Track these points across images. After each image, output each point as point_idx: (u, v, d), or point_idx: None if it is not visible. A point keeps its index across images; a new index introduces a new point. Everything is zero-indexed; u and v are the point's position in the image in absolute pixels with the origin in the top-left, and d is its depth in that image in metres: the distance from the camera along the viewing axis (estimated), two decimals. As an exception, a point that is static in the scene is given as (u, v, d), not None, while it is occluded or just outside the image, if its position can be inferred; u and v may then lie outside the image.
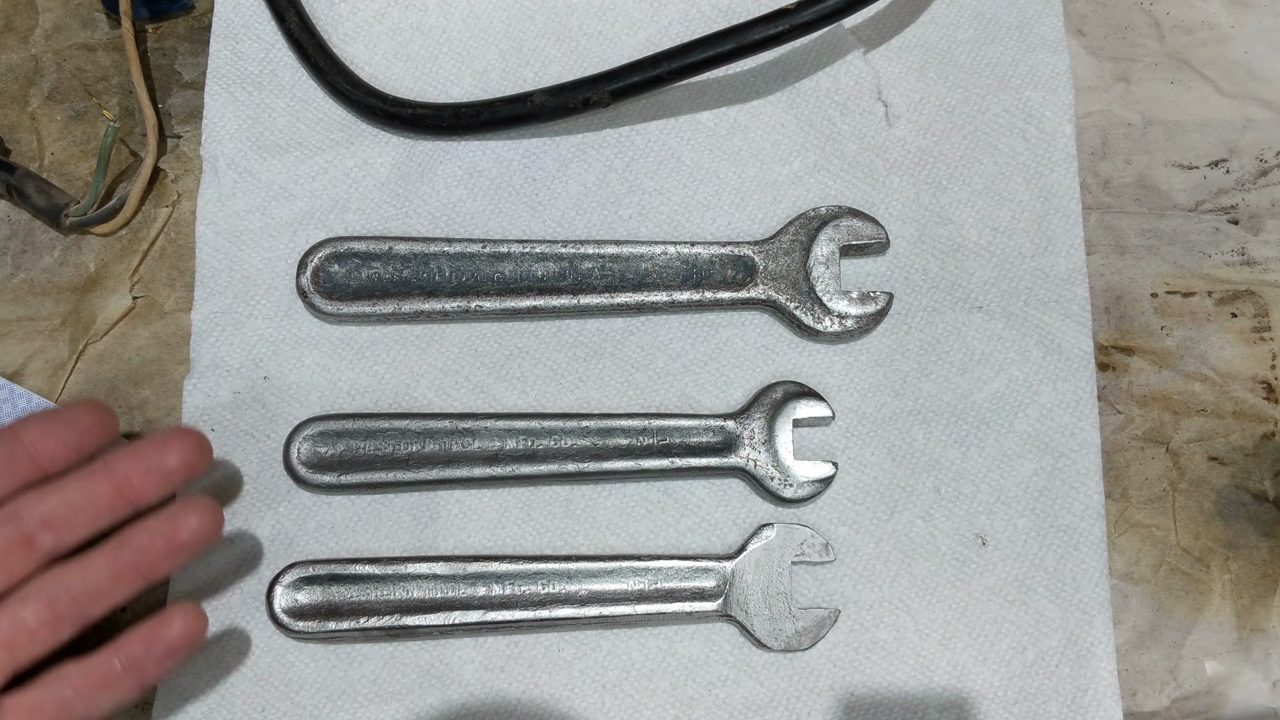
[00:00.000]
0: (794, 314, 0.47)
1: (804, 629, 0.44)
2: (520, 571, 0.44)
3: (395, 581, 0.43)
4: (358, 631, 0.43)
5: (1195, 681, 0.45)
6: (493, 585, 0.44)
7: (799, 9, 0.45)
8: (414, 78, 0.50)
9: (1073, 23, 0.51)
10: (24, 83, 0.51)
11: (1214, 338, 0.49)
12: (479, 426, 0.45)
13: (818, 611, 0.45)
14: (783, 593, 0.44)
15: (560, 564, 0.44)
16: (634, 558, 0.45)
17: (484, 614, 0.43)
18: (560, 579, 0.44)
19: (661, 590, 0.44)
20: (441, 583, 0.43)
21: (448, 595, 0.43)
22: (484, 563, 0.44)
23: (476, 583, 0.44)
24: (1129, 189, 0.50)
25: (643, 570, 0.44)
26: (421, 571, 0.44)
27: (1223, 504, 0.47)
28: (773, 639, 0.44)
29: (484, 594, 0.44)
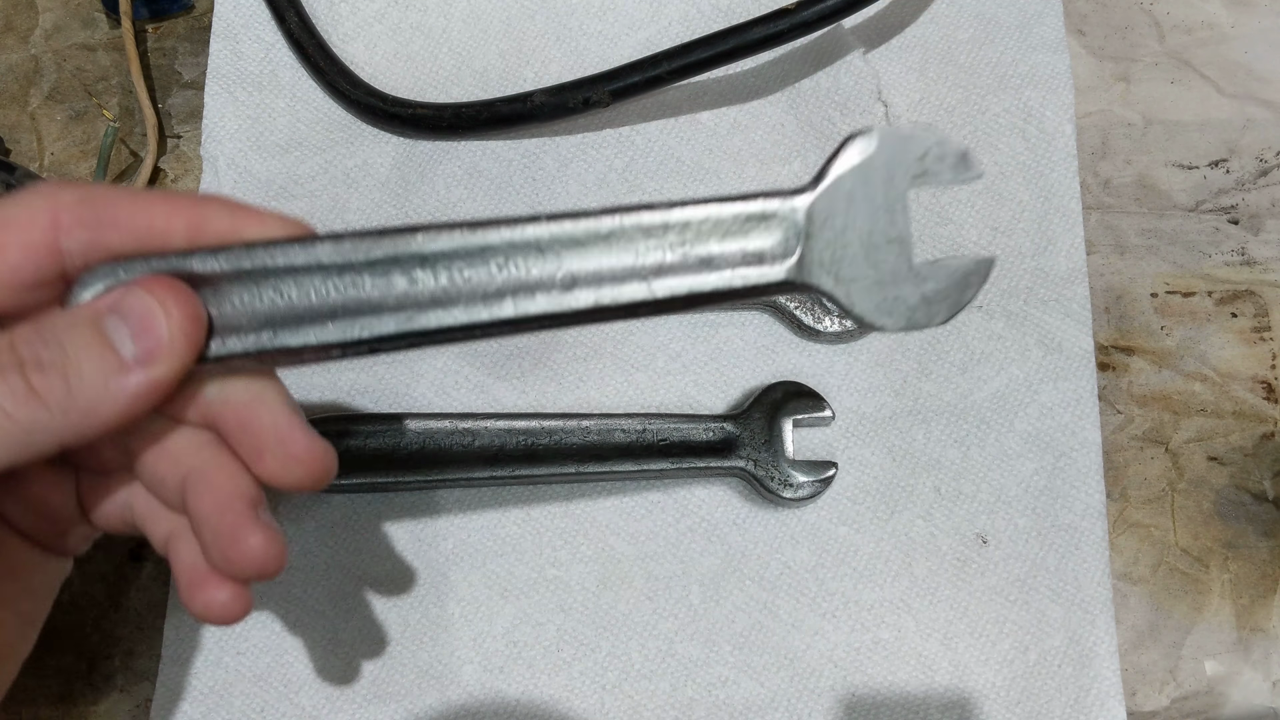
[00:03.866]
0: (794, 314, 0.47)
1: (937, 291, 0.29)
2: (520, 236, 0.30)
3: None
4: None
5: (1195, 681, 0.45)
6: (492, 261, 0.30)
7: (799, 9, 0.45)
8: (414, 78, 0.50)
9: (1073, 23, 0.52)
10: (24, 83, 0.51)
11: (1214, 338, 0.49)
12: (479, 426, 0.45)
13: (956, 262, 0.29)
14: (895, 239, 0.29)
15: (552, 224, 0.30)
16: (643, 206, 0.30)
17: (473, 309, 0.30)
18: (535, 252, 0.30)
19: (692, 258, 0.29)
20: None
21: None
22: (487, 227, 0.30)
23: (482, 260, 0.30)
24: (1129, 189, 0.50)
25: (660, 229, 0.29)
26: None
27: (1222, 504, 0.47)
28: (883, 312, 0.29)
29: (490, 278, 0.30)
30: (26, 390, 0.26)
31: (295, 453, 0.30)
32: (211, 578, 0.30)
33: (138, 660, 0.44)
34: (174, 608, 0.44)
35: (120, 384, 0.27)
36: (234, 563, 0.29)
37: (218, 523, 0.29)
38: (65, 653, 0.44)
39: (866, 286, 0.29)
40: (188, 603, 0.31)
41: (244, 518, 0.29)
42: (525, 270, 0.29)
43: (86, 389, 0.27)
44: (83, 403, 0.27)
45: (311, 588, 0.45)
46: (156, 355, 0.27)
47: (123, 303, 0.28)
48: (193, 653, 0.44)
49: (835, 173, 0.29)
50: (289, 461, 0.30)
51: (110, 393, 0.27)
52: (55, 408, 0.26)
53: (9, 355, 0.26)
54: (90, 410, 0.27)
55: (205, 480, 0.30)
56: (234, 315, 0.29)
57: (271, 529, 0.30)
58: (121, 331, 0.27)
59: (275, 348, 0.29)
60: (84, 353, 0.27)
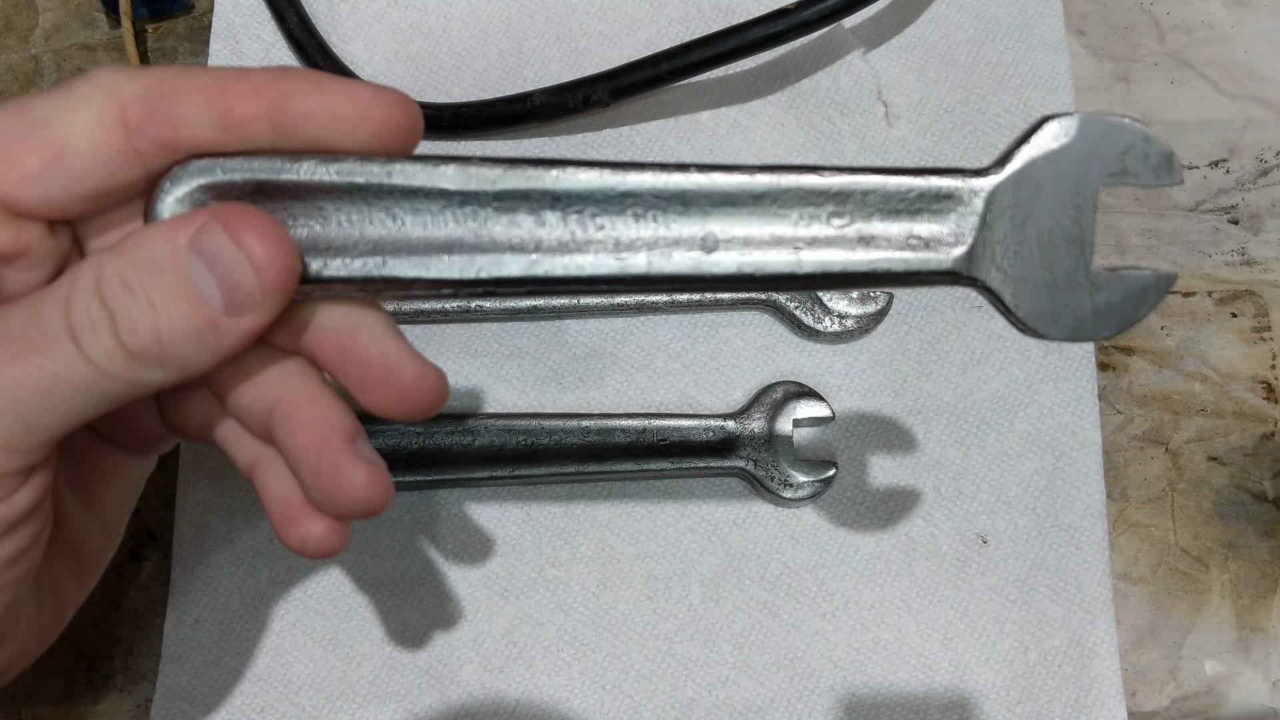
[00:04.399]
0: (794, 314, 0.47)
1: (1110, 304, 0.27)
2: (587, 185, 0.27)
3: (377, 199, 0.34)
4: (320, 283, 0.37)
5: (1195, 681, 0.45)
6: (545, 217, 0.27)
7: (799, 9, 0.45)
8: (414, 78, 0.50)
9: (1073, 23, 0.52)
10: (24, 83, 0.51)
11: (1214, 338, 0.49)
12: (479, 426, 0.45)
13: (1136, 275, 0.27)
14: (1077, 240, 0.26)
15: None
16: (807, 167, 0.27)
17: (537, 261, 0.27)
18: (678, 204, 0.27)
19: (852, 233, 0.27)
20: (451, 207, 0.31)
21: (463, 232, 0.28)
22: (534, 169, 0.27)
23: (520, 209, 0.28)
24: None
25: (829, 196, 0.27)
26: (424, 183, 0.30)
27: (1222, 504, 0.47)
28: (1051, 320, 0.27)
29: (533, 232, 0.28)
30: (123, 352, 0.25)
31: (407, 381, 0.27)
32: (306, 511, 0.29)
33: (138, 660, 0.44)
34: (174, 607, 0.44)
35: (214, 337, 0.25)
36: (338, 502, 0.28)
37: (316, 461, 0.28)
38: (65, 653, 0.44)
39: (1036, 289, 0.26)
40: (283, 537, 0.29)
41: (344, 455, 0.28)
42: (666, 224, 0.26)
43: (179, 344, 0.25)
44: (176, 357, 0.25)
45: (311, 588, 0.45)
46: (246, 307, 0.25)
47: (204, 244, 0.25)
48: (193, 653, 0.44)
49: (1026, 156, 0.27)
50: (401, 391, 0.27)
51: (204, 346, 0.25)
52: (150, 363, 0.25)
53: (99, 309, 0.25)
54: (184, 363, 0.26)
55: (297, 414, 0.28)
56: (340, 236, 0.26)
57: (375, 464, 0.28)
58: (207, 279, 0.25)
59: (382, 276, 0.27)
60: (173, 307, 0.25)
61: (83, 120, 0.25)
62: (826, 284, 0.29)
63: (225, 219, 0.25)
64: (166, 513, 0.46)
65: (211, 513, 0.45)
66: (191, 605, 0.44)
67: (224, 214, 0.25)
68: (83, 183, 0.26)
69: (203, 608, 0.44)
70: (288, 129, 0.26)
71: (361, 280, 0.27)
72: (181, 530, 0.45)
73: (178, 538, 0.45)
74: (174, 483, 0.46)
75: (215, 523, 0.45)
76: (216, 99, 0.26)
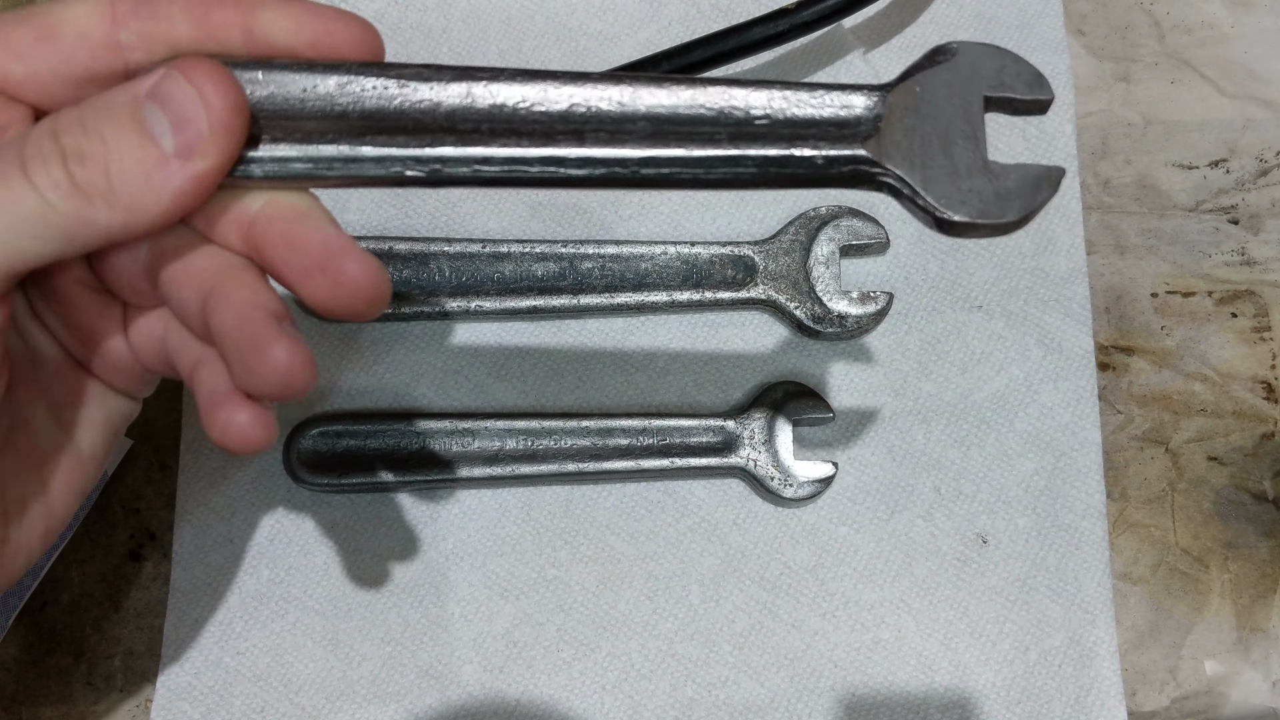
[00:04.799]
0: (794, 314, 0.47)
1: (1010, 190, 0.29)
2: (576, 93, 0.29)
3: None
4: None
5: (1195, 681, 0.45)
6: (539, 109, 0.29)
7: (799, 9, 0.45)
8: (414, 77, 0.50)
9: (1073, 23, 0.52)
10: (23, 82, 0.51)
11: (1214, 338, 0.49)
12: (479, 426, 0.45)
13: (1029, 168, 0.30)
14: (970, 137, 0.30)
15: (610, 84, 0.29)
16: (729, 81, 0.30)
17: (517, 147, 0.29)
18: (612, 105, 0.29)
19: (772, 133, 0.29)
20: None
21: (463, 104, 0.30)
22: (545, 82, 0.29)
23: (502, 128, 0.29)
24: (1129, 189, 0.50)
25: (742, 105, 0.29)
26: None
27: (1222, 504, 0.47)
28: (956, 201, 0.29)
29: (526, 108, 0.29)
30: (69, 183, 0.25)
31: (349, 270, 0.28)
32: (231, 398, 0.29)
33: (138, 660, 0.44)
34: (174, 607, 0.44)
35: (162, 177, 0.26)
36: (258, 375, 0.28)
37: (238, 335, 0.28)
38: (65, 653, 0.44)
39: (940, 175, 0.29)
40: (207, 426, 0.29)
41: (266, 328, 0.28)
42: (605, 119, 0.29)
43: (128, 182, 0.26)
44: (125, 197, 0.26)
45: (311, 588, 0.45)
46: (196, 148, 0.26)
47: (160, 88, 0.26)
48: (193, 653, 0.44)
49: (916, 70, 0.30)
50: (342, 280, 0.28)
51: (152, 186, 0.26)
52: (99, 200, 0.26)
53: (51, 144, 0.26)
54: (133, 204, 0.26)
55: (225, 295, 0.28)
56: (293, 110, 0.28)
57: (296, 340, 0.28)
58: (160, 121, 0.26)
59: (332, 156, 0.28)
60: (124, 144, 0.26)
61: (75, 7, 0.27)
62: (751, 180, 0.30)
63: (183, 64, 0.26)
64: (166, 513, 0.46)
65: (211, 513, 0.45)
66: (191, 605, 0.44)
67: (182, 61, 0.27)
68: (67, 63, 0.27)
69: (203, 608, 0.44)
70: (257, 35, 0.28)
71: (312, 160, 0.28)
72: (181, 530, 0.45)
73: (178, 538, 0.45)
74: (174, 483, 0.46)
75: (215, 523, 0.45)
76: (197, 2, 0.28)
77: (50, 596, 0.44)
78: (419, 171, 0.29)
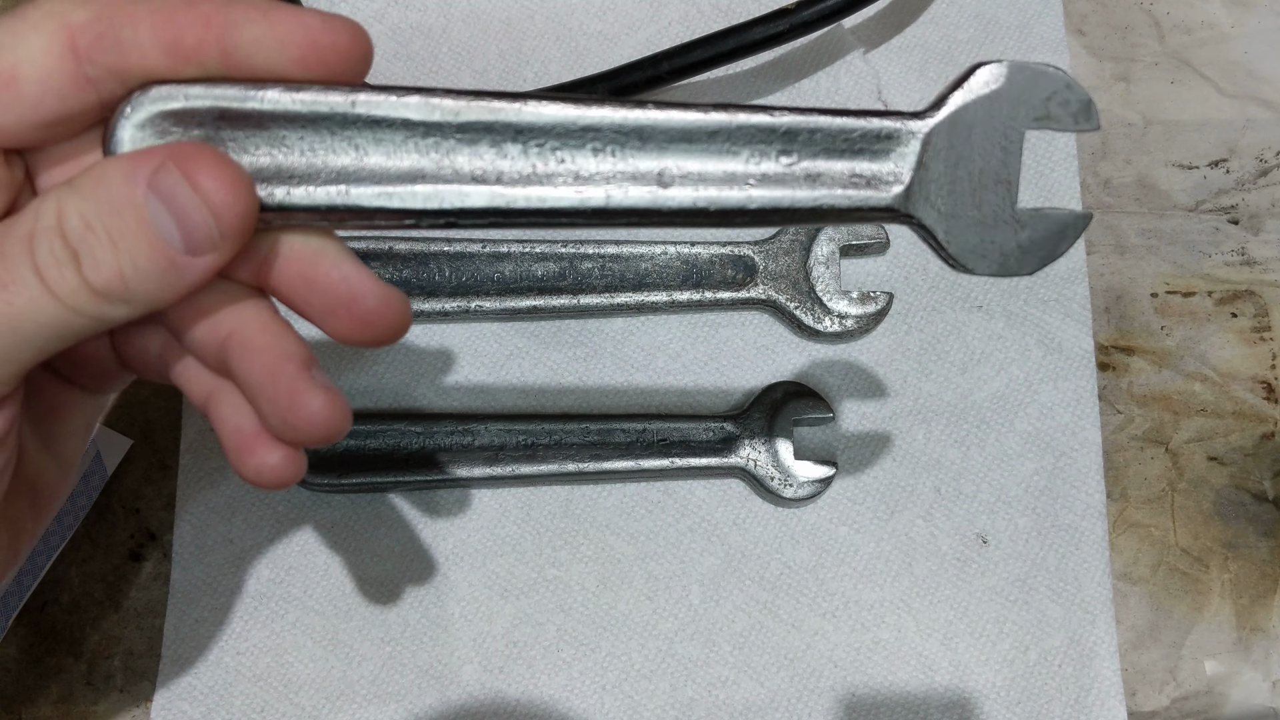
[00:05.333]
0: (794, 314, 0.47)
1: (1033, 241, 0.28)
2: (560, 121, 0.27)
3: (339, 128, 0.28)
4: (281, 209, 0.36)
5: (1195, 681, 0.45)
6: (507, 151, 0.28)
7: (799, 9, 0.45)
8: (414, 78, 0.50)
9: (1073, 23, 0.52)
10: (23, 82, 0.51)
11: (1214, 338, 0.49)
12: (479, 426, 0.45)
13: (1055, 213, 0.28)
14: (1004, 180, 0.28)
15: (617, 112, 0.28)
16: (758, 107, 0.28)
17: (497, 192, 0.28)
18: (624, 142, 0.28)
19: (799, 170, 0.28)
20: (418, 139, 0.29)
21: (428, 164, 0.28)
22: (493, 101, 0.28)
23: (481, 142, 0.28)
24: (1129, 189, 0.50)
25: (769, 131, 0.28)
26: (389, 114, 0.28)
27: (1222, 504, 0.47)
28: (978, 255, 0.28)
29: (493, 164, 0.28)
30: (88, 290, 0.25)
31: (371, 305, 0.27)
32: (261, 440, 0.28)
33: (138, 660, 0.44)
34: (174, 607, 0.44)
35: (176, 275, 0.25)
36: (296, 427, 0.27)
37: (273, 387, 0.27)
38: (65, 653, 0.44)
39: (967, 225, 0.28)
40: (238, 467, 0.29)
41: (301, 379, 0.27)
42: (624, 158, 0.27)
43: (144, 283, 0.25)
44: (140, 294, 0.25)
45: (311, 588, 0.45)
46: (205, 247, 0.25)
47: (161, 185, 0.25)
48: (193, 653, 0.44)
49: (959, 100, 0.28)
50: (366, 315, 0.27)
51: (166, 283, 0.26)
52: (117, 300, 0.25)
53: (62, 247, 0.25)
54: (149, 300, 0.26)
55: (251, 343, 0.28)
56: (302, 164, 0.26)
57: (332, 389, 0.28)
58: (166, 219, 0.25)
59: (345, 205, 0.27)
60: (135, 247, 0.25)
61: (32, 47, 0.25)
62: (775, 219, 0.29)
63: (181, 160, 0.25)
64: (166, 513, 0.46)
65: (211, 513, 0.45)
66: (191, 605, 0.44)
67: (180, 155, 0.25)
68: (35, 110, 0.26)
69: (203, 608, 0.44)
70: (237, 57, 0.26)
71: (324, 209, 0.27)
72: (181, 530, 0.45)
73: (178, 538, 0.45)
74: (174, 483, 0.46)
75: (215, 523, 0.45)
76: (165, 25, 0.25)
77: (50, 596, 0.44)
78: (439, 220, 0.28)
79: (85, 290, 0.25)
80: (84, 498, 0.46)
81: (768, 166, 0.28)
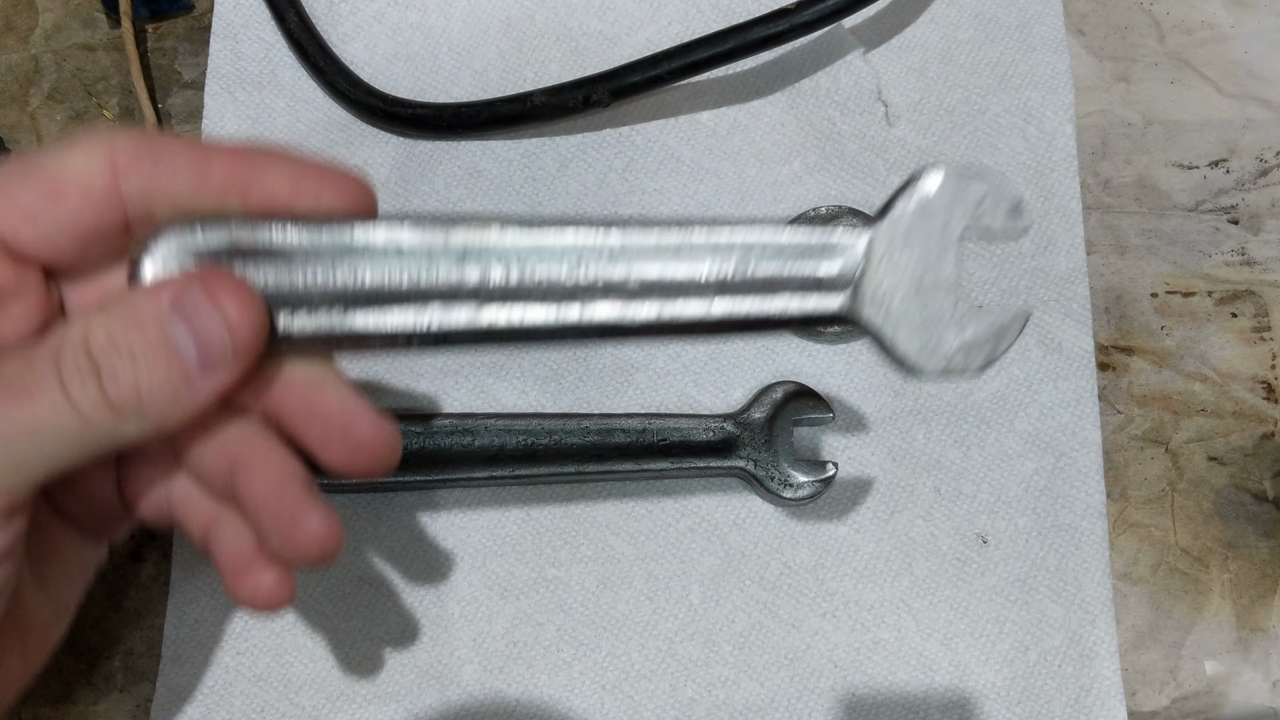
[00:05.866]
0: (794, 314, 0.47)
1: (975, 341, 0.30)
2: (535, 248, 0.30)
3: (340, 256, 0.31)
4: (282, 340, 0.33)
5: (1195, 681, 0.45)
6: (492, 266, 0.30)
7: (799, 9, 0.45)
8: (414, 78, 0.50)
9: (1073, 23, 0.52)
10: (24, 83, 0.51)
11: (1214, 338, 0.49)
12: (479, 426, 0.45)
13: (996, 315, 0.30)
14: (944, 284, 0.30)
15: (595, 232, 0.30)
16: (711, 222, 0.30)
17: (478, 309, 0.30)
18: (597, 259, 0.30)
19: (754, 280, 0.30)
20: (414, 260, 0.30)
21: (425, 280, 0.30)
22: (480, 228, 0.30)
23: (466, 261, 0.30)
24: (1129, 189, 0.50)
25: (726, 248, 0.30)
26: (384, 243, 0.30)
27: (1222, 504, 0.47)
28: (924, 354, 0.30)
29: (477, 280, 0.30)
30: (104, 401, 0.27)
31: (364, 437, 0.29)
32: (257, 562, 0.30)
33: (138, 660, 0.44)
34: (174, 607, 0.44)
35: (187, 393, 0.27)
36: (295, 545, 0.29)
37: (275, 506, 0.29)
38: (65, 653, 0.44)
39: (912, 327, 0.29)
40: (234, 590, 0.30)
41: (302, 500, 0.29)
42: (596, 272, 0.29)
43: (156, 397, 0.27)
44: (153, 410, 0.27)
45: (311, 588, 0.45)
46: (219, 365, 0.27)
47: (184, 304, 0.27)
48: (193, 653, 0.44)
49: (899, 209, 0.29)
50: (359, 446, 0.29)
51: (178, 400, 0.27)
52: (128, 415, 0.27)
53: (86, 360, 0.27)
54: (159, 417, 0.28)
55: (257, 464, 0.29)
56: (305, 288, 0.29)
57: (327, 508, 0.29)
58: (185, 337, 0.27)
59: (344, 331, 0.29)
60: (153, 361, 0.27)
61: (79, 163, 0.28)
62: (734, 329, 0.31)
63: (205, 281, 0.28)
64: (166, 513, 0.46)
65: (211, 513, 0.45)
66: (191, 605, 0.44)
67: (204, 277, 0.28)
68: (74, 222, 0.28)
69: (203, 608, 0.44)
70: (256, 195, 0.29)
71: (325, 336, 0.29)
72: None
73: (177, 538, 0.45)
74: (174, 483, 0.46)
75: (215, 523, 0.45)
76: (198, 158, 0.29)
77: (50, 596, 0.44)
78: (428, 341, 0.30)
79: (103, 403, 0.27)
80: (84, 498, 0.45)
81: (725, 279, 0.30)
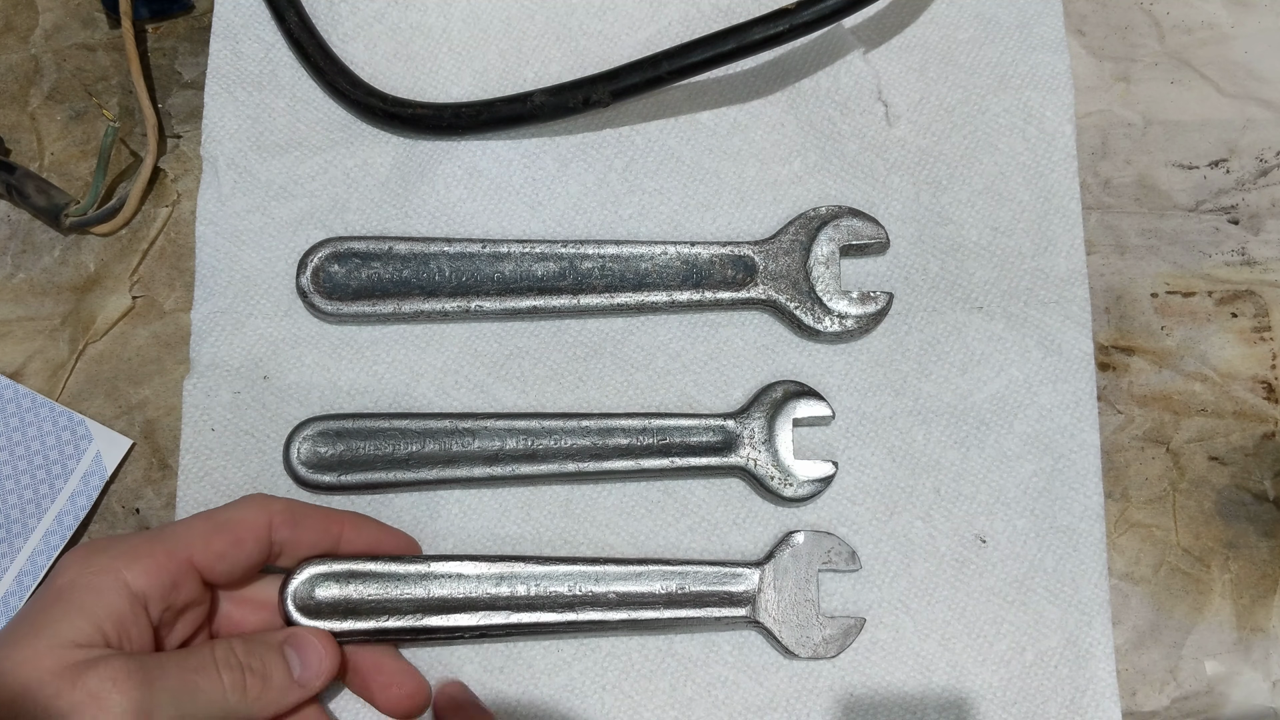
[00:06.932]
0: (794, 314, 0.47)
1: (830, 637, 0.44)
2: (547, 573, 0.44)
3: (417, 580, 0.43)
4: (378, 632, 0.43)
5: (1195, 681, 0.45)
6: (518, 585, 0.44)
7: (799, 9, 0.45)
8: (414, 78, 0.50)
9: (1073, 23, 0.51)
10: (24, 83, 0.51)
11: (1214, 338, 0.49)
12: (479, 426, 0.45)
13: (844, 620, 0.44)
14: (810, 600, 0.44)
15: (587, 566, 0.44)
16: (663, 561, 0.45)
17: (509, 615, 0.43)
18: (587, 580, 0.44)
19: (691, 594, 0.44)
20: (466, 582, 0.44)
21: (472, 595, 0.44)
22: (509, 563, 0.44)
23: (501, 583, 0.44)
24: (1129, 189, 0.50)
25: (672, 574, 0.44)
26: (446, 571, 0.44)
27: (1223, 504, 0.47)
28: (800, 646, 0.44)
29: (509, 594, 0.44)
30: (242, 686, 0.39)
31: (409, 691, 0.43)
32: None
33: (138, 660, 0.44)
34: None
35: (291, 694, 0.40)
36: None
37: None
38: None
39: (790, 627, 0.44)
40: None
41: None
42: (589, 592, 0.44)
43: (273, 693, 0.40)
44: (269, 702, 0.40)
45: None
46: (314, 680, 0.41)
47: (296, 640, 0.41)
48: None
49: (778, 555, 0.45)
50: (405, 698, 0.43)
51: (286, 696, 0.40)
52: (255, 702, 0.39)
53: (237, 661, 0.39)
54: (273, 704, 0.40)
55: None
56: (388, 598, 0.43)
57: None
58: (295, 659, 0.41)
59: (415, 628, 0.43)
60: (275, 670, 0.40)
61: (249, 519, 0.41)
62: (676, 627, 0.44)
63: (315, 634, 0.42)
64: (167, 512, 0.46)
65: (212, 513, 0.45)
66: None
67: (309, 631, 0.42)
68: (246, 560, 0.41)
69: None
70: (343, 544, 0.43)
71: (398, 630, 0.43)
72: (182, 530, 0.45)
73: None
74: (174, 483, 0.46)
75: (215, 523, 0.45)
76: (324, 520, 0.43)
77: (51, 596, 0.44)
78: (471, 634, 0.44)
79: (241, 687, 0.39)
80: (84, 498, 0.46)
81: (672, 589, 0.44)
